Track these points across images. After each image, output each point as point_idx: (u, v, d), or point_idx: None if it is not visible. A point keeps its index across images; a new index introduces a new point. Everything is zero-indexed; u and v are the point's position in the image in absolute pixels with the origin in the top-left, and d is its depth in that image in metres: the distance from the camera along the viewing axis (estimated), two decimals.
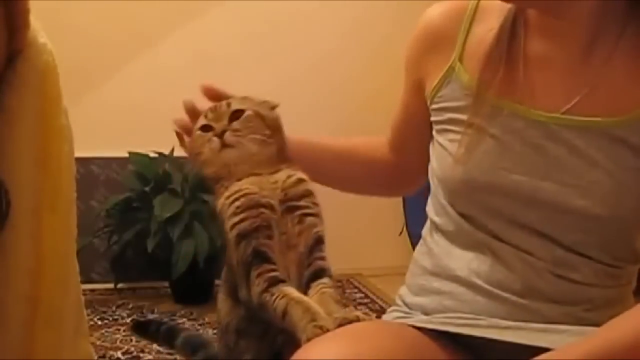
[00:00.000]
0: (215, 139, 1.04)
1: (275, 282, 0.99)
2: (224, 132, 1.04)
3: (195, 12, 3.10)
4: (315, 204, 1.05)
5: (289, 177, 1.05)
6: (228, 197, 1.04)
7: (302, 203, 1.04)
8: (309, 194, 1.05)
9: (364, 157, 1.20)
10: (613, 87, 0.92)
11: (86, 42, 2.93)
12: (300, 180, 1.05)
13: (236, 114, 1.06)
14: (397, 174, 1.18)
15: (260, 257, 1.00)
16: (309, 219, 1.03)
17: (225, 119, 1.05)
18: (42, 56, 1.00)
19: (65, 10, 2.86)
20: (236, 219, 1.03)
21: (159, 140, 2.76)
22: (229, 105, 1.07)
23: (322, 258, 1.03)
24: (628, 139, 0.90)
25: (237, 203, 1.03)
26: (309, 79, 3.22)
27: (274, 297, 0.98)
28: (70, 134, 1.05)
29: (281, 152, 1.07)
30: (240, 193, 1.03)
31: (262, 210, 1.02)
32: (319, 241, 1.04)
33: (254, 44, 3.17)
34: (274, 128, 1.08)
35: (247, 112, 1.06)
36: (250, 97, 1.09)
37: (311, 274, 1.01)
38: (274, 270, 1.00)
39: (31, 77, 0.98)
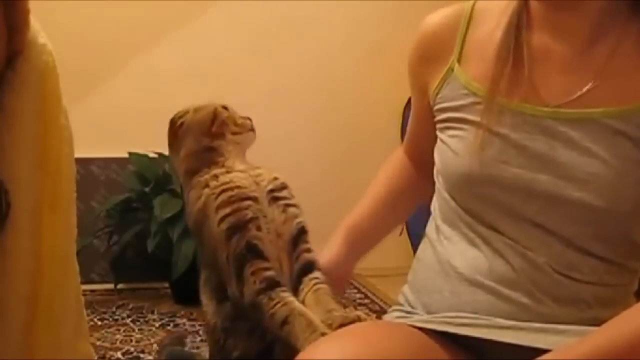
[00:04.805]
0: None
1: (273, 284, 1.00)
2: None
3: (195, 13, 3.10)
4: (293, 196, 1.11)
5: (269, 172, 1.13)
6: (216, 188, 1.07)
7: (283, 194, 1.09)
8: (287, 186, 1.12)
9: (403, 189, 1.21)
10: (613, 81, 0.93)
11: (86, 42, 2.93)
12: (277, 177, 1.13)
13: None
14: (425, 183, 1.18)
15: (253, 251, 1.02)
16: (291, 210, 1.09)
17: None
18: (42, 57, 1.00)
19: (66, 10, 2.86)
20: (227, 210, 1.05)
21: (159, 140, 2.74)
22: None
23: (308, 250, 1.07)
24: (627, 130, 0.91)
25: (231, 193, 1.05)
26: (307, 80, 3.22)
27: (274, 302, 0.98)
28: (70, 135, 1.05)
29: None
30: (233, 184, 1.06)
31: (250, 202, 1.05)
32: (302, 231, 1.08)
33: (253, 45, 3.17)
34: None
35: None
36: None
37: (300, 267, 1.04)
38: (268, 269, 1.01)
39: (31, 78, 0.98)
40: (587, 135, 0.92)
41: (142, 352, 2.36)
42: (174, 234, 2.65)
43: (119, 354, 2.34)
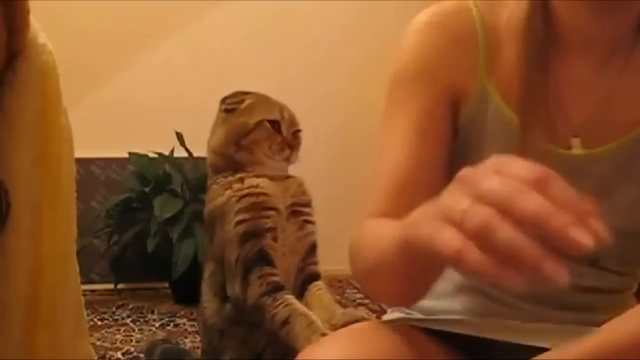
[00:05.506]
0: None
1: (278, 287, 1.01)
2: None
3: (196, 12, 3.10)
4: (313, 214, 1.15)
5: (299, 184, 1.16)
6: (239, 190, 1.07)
7: (305, 210, 1.10)
8: (311, 203, 1.15)
9: None
10: (623, 104, 0.91)
11: (86, 42, 2.93)
12: (305, 191, 1.16)
13: None
14: None
15: (264, 259, 1.03)
16: (309, 227, 1.10)
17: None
18: (42, 57, 1.00)
19: (66, 10, 2.86)
20: (246, 215, 1.06)
21: (159, 140, 2.77)
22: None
23: (315, 263, 1.13)
24: None
25: (255, 200, 1.07)
26: (309, 78, 3.22)
27: (277, 303, 0.99)
28: (70, 135, 1.04)
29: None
30: (258, 190, 1.08)
31: (272, 212, 1.06)
32: (314, 248, 1.14)
33: (254, 44, 3.17)
34: None
35: None
36: None
37: (306, 277, 1.06)
38: (274, 274, 1.02)
39: (31, 78, 0.98)
40: (610, 168, 0.90)
41: (143, 352, 2.36)
42: (174, 234, 2.65)
43: (119, 354, 2.34)
